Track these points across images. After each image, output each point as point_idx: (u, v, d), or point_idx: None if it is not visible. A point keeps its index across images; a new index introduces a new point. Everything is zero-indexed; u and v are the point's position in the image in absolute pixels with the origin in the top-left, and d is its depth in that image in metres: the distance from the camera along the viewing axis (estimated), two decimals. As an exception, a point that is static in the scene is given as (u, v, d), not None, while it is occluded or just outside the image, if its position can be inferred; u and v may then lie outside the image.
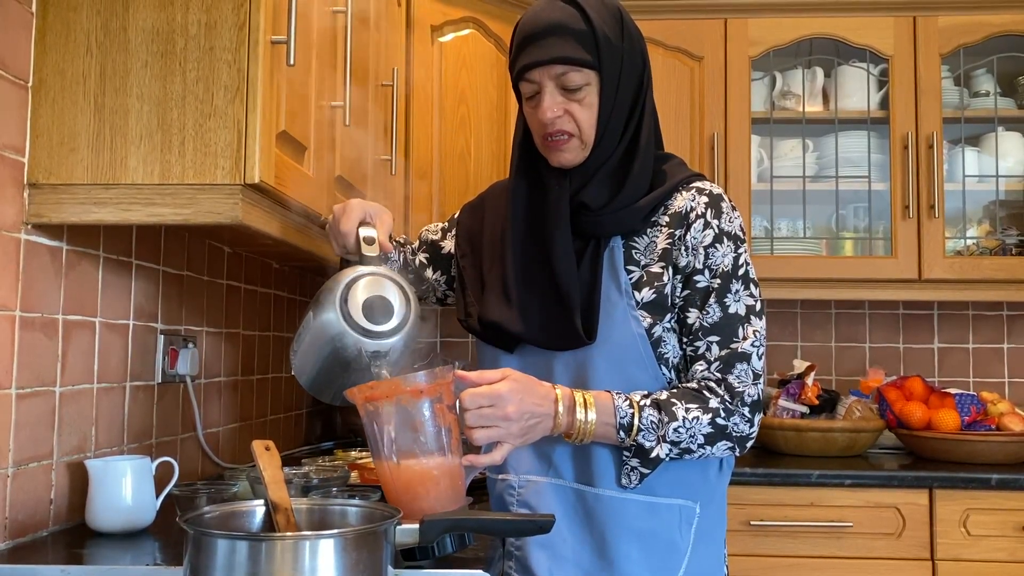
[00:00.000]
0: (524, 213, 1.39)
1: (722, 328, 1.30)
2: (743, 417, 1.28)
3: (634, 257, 1.34)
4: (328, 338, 1.21)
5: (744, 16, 2.68)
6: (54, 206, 1.29)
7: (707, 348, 1.30)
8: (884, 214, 2.70)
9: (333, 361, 1.23)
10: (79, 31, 1.28)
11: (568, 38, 1.27)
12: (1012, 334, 2.88)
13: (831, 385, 2.88)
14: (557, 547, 1.32)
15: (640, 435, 1.25)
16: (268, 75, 1.26)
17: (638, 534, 1.31)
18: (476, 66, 2.49)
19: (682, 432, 1.25)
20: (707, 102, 2.67)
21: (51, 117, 1.28)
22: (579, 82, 1.29)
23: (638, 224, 1.33)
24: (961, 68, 2.70)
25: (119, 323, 1.56)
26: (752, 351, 1.29)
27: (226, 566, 0.88)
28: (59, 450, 1.39)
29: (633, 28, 1.35)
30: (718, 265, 1.31)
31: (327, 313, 1.20)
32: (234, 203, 1.25)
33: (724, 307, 1.30)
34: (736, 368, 1.29)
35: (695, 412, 1.26)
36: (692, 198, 1.33)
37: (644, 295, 1.31)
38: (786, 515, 2.25)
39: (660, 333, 1.31)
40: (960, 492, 2.23)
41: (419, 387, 1.14)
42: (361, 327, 1.21)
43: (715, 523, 1.37)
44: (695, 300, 1.31)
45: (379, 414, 1.14)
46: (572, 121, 1.31)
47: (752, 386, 1.29)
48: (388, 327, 1.22)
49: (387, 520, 0.96)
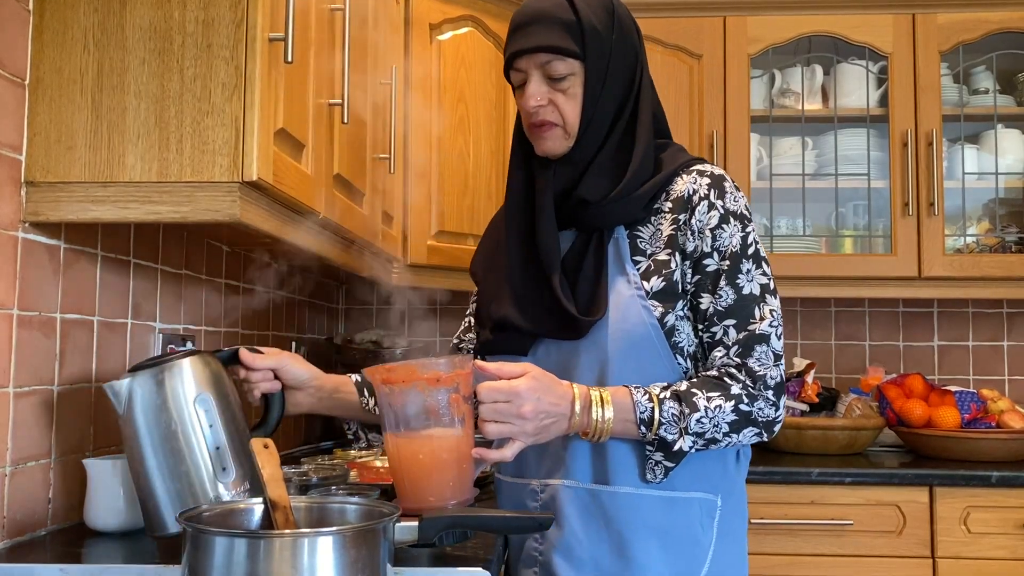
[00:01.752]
0: (519, 209, 1.39)
1: (737, 310, 1.27)
2: (767, 401, 1.26)
3: (640, 247, 1.32)
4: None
5: (743, 14, 2.67)
6: (51, 204, 1.28)
7: (724, 333, 1.28)
8: (884, 212, 2.70)
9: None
10: (76, 28, 1.28)
11: (554, 27, 1.28)
12: (1012, 331, 2.88)
13: (831, 383, 2.88)
14: (574, 550, 1.31)
15: (661, 429, 1.23)
16: (266, 72, 1.26)
17: (657, 531, 1.28)
18: (475, 65, 2.48)
19: (705, 422, 1.23)
20: (706, 100, 2.66)
21: (48, 115, 1.28)
22: (563, 71, 1.30)
23: (640, 213, 1.32)
24: (960, 65, 2.70)
25: (117, 322, 1.55)
26: (771, 331, 1.27)
27: (225, 564, 0.87)
28: (57, 449, 1.38)
29: (626, 21, 1.35)
30: (726, 246, 1.29)
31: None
32: (232, 201, 1.25)
33: (737, 288, 1.28)
34: (756, 351, 1.26)
35: (717, 400, 1.24)
36: (694, 180, 1.32)
37: (653, 284, 1.29)
38: (786, 513, 2.25)
39: (673, 322, 1.29)
40: (960, 490, 2.23)
41: (437, 375, 1.15)
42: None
43: (737, 516, 1.35)
44: (706, 284, 1.29)
45: (394, 396, 1.15)
46: (556, 111, 1.32)
47: (774, 368, 1.27)
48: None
49: (386, 518, 0.96)
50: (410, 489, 1.16)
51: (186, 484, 1.18)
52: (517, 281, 1.36)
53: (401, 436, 1.17)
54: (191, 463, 1.18)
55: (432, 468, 1.15)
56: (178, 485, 1.18)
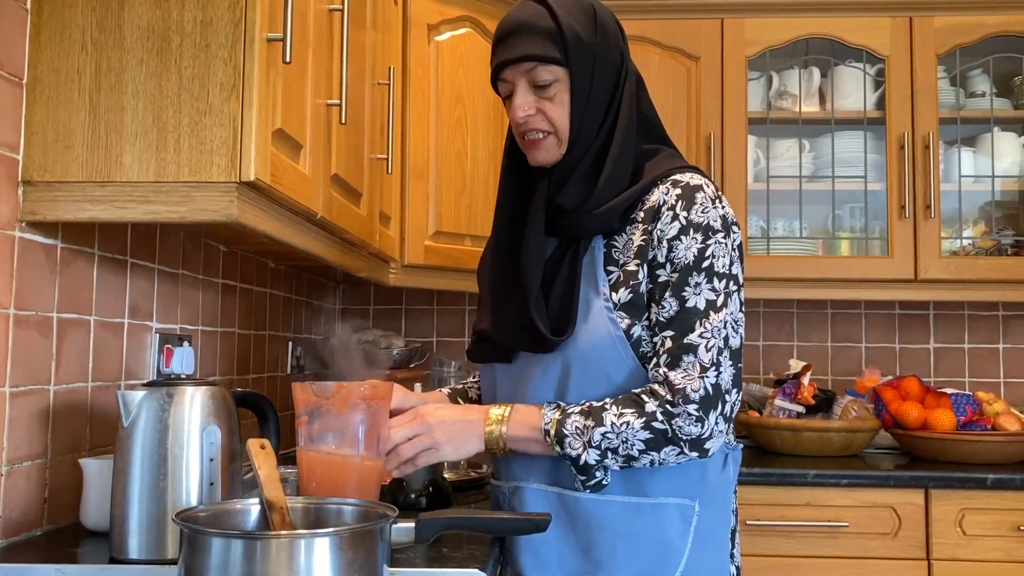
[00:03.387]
0: (508, 220, 1.41)
1: (677, 322, 1.25)
2: (689, 417, 1.21)
3: (613, 256, 1.32)
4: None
5: (741, 16, 2.68)
6: (49, 204, 1.28)
7: (661, 343, 1.26)
8: (880, 214, 2.70)
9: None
10: (74, 28, 1.28)
11: (535, 36, 1.30)
12: (1008, 334, 2.89)
13: (827, 385, 2.89)
14: (540, 550, 1.32)
15: (566, 441, 1.25)
16: (264, 72, 1.26)
17: (624, 535, 1.29)
18: (473, 65, 2.48)
19: (612, 438, 1.23)
20: (703, 102, 2.67)
21: (46, 114, 1.28)
22: (548, 79, 1.31)
23: (615, 223, 1.32)
24: (957, 68, 2.71)
25: (114, 322, 1.55)
26: (700, 343, 1.23)
27: (221, 565, 0.87)
28: (53, 449, 1.38)
29: (610, 25, 1.35)
30: (680, 258, 1.27)
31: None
32: (230, 201, 1.25)
33: (681, 301, 1.25)
34: (682, 362, 1.23)
35: (627, 417, 1.23)
36: (666, 191, 1.30)
37: (621, 295, 1.29)
38: (782, 515, 2.25)
39: (639, 333, 1.29)
40: (956, 492, 2.23)
41: (365, 396, 1.22)
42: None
43: (718, 522, 1.34)
44: (655, 295, 1.28)
45: (329, 417, 1.22)
46: (546, 119, 1.33)
47: (698, 379, 1.21)
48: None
49: (383, 519, 0.96)
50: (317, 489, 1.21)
51: (167, 511, 1.17)
52: (496, 295, 1.40)
53: (309, 453, 1.22)
54: (181, 490, 1.18)
55: (341, 484, 1.20)
56: (158, 510, 1.17)
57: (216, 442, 1.20)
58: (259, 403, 1.39)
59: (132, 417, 1.19)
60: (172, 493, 1.18)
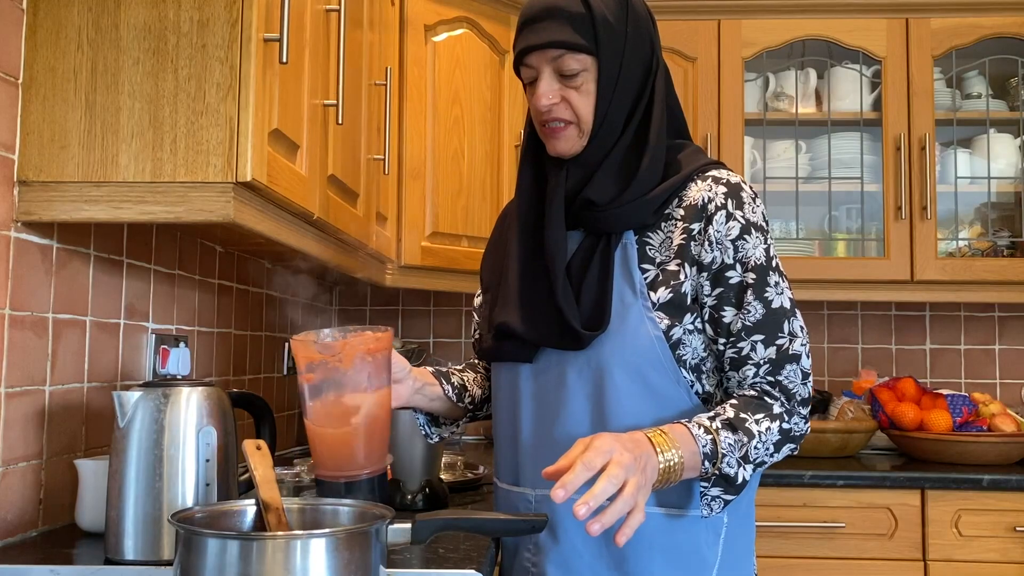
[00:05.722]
0: (527, 208, 1.34)
1: (766, 325, 1.22)
2: (800, 416, 1.23)
3: (649, 255, 1.26)
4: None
5: (737, 17, 2.68)
6: (44, 204, 1.28)
7: (752, 348, 1.23)
8: (876, 215, 2.71)
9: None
10: (70, 28, 1.27)
11: (564, 22, 1.23)
12: (1004, 335, 2.89)
13: (823, 386, 2.89)
14: (572, 563, 1.25)
15: (724, 461, 1.16)
16: (261, 73, 1.26)
17: (661, 549, 1.23)
18: (470, 66, 2.48)
19: (759, 448, 1.19)
20: (700, 103, 2.67)
21: (42, 114, 1.27)
22: (575, 68, 1.24)
23: (649, 218, 1.26)
24: (953, 70, 2.71)
25: (110, 322, 1.55)
26: (801, 351, 1.24)
27: (217, 566, 0.87)
28: (48, 450, 1.38)
29: (642, 12, 1.29)
30: (750, 258, 1.23)
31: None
32: (226, 201, 1.25)
33: (767, 302, 1.23)
34: (786, 368, 1.23)
35: (766, 423, 1.20)
36: (708, 188, 1.25)
37: (660, 295, 1.24)
38: (779, 516, 2.26)
39: (680, 335, 1.24)
40: (952, 493, 2.24)
41: (368, 345, 1.15)
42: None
43: (744, 531, 1.30)
44: (729, 298, 1.23)
45: (328, 368, 1.15)
46: (569, 108, 1.26)
47: (802, 385, 1.24)
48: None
49: (379, 520, 0.96)
50: (328, 456, 1.16)
51: (162, 512, 1.17)
52: (520, 286, 1.31)
53: (325, 403, 1.15)
54: (177, 491, 1.18)
55: (351, 436, 1.14)
56: (154, 511, 1.17)
57: (212, 443, 1.20)
58: (255, 404, 1.39)
59: (128, 418, 1.19)
60: (168, 494, 1.17)
